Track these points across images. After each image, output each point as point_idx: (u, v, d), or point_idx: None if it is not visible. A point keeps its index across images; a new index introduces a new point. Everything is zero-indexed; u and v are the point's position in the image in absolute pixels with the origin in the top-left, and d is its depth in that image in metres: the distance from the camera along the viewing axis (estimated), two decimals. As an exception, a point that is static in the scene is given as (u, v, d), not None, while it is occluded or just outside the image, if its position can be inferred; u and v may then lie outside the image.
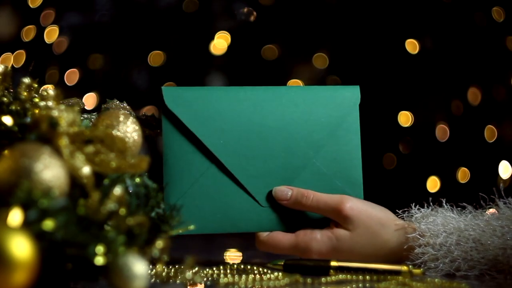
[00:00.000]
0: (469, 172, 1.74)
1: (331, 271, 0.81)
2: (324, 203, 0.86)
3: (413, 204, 0.87)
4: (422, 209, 0.86)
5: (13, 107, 0.68)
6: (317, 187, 0.89)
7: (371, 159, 0.95)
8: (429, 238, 0.83)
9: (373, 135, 0.93)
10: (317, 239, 0.86)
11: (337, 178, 0.91)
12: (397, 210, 0.87)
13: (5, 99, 0.68)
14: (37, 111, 0.67)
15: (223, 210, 0.87)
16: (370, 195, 0.91)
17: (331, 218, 0.87)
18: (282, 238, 0.87)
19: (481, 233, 0.82)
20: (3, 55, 1.80)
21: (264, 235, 0.88)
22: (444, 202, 0.87)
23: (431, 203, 0.87)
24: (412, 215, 0.86)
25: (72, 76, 1.82)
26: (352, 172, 0.91)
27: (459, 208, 0.86)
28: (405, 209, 0.87)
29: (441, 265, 0.82)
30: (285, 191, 0.88)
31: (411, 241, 0.84)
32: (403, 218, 0.87)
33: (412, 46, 1.69)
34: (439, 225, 0.83)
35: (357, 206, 0.86)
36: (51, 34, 1.82)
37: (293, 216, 0.89)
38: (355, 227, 0.85)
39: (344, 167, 0.91)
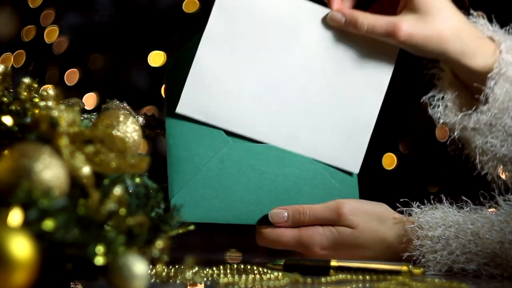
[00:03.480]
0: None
1: (331, 271, 0.81)
2: (321, 214, 0.87)
3: (414, 202, 0.87)
4: (422, 206, 0.87)
5: (13, 107, 0.67)
6: (315, 187, 0.90)
7: (371, 159, 0.95)
8: (427, 231, 0.83)
9: (373, 135, 0.93)
10: (320, 232, 0.86)
11: (334, 178, 0.91)
12: (397, 204, 0.87)
13: (5, 99, 0.68)
14: (37, 111, 0.67)
15: (225, 201, 0.88)
16: (370, 195, 0.91)
17: (331, 224, 0.87)
18: (285, 231, 0.87)
19: (479, 227, 0.82)
20: (3, 55, 1.80)
21: (265, 228, 0.88)
22: (444, 199, 0.87)
23: (431, 200, 0.87)
24: (413, 210, 0.86)
25: (72, 76, 1.82)
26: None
27: (458, 204, 0.87)
28: (405, 203, 0.87)
29: (439, 257, 0.82)
30: (280, 214, 0.87)
31: (409, 233, 0.84)
32: (402, 213, 0.87)
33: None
34: (438, 219, 0.84)
35: (354, 207, 0.86)
36: (51, 34, 1.81)
37: None
38: (356, 225, 0.86)
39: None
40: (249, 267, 0.82)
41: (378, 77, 0.91)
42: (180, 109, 0.87)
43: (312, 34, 0.90)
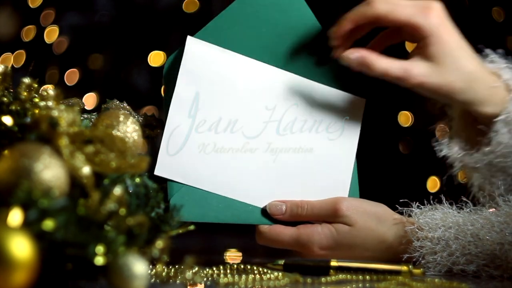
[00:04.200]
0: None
1: (331, 271, 0.81)
2: (319, 209, 0.87)
3: (414, 202, 0.87)
4: (422, 206, 0.87)
5: (13, 107, 0.68)
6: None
7: (371, 159, 0.95)
8: (427, 232, 0.83)
9: (373, 135, 0.93)
10: (319, 231, 0.86)
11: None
12: (397, 206, 0.87)
13: (5, 99, 0.68)
14: (37, 111, 0.67)
15: (224, 201, 0.88)
16: (370, 195, 0.91)
17: (329, 221, 0.87)
18: (284, 230, 0.88)
19: (479, 228, 0.82)
20: (3, 55, 1.80)
21: (265, 227, 0.88)
22: (444, 199, 0.87)
23: (431, 201, 0.87)
24: (412, 211, 0.86)
25: (72, 76, 1.82)
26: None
27: (458, 205, 0.87)
28: (405, 204, 0.87)
29: (438, 258, 0.82)
30: (279, 206, 0.88)
31: (409, 234, 0.84)
32: (402, 214, 0.87)
33: (412, 46, 1.68)
34: (438, 220, 0.84)
35: (352, 204, 0.87)
36: (51, 34, 1.81)
37: None
38: (353, 223, 0.86)
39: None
40: (249, 267, 0.82)
41: (348, 135, 0.92)
42: (158, 171, 0.86)
43: (279, 96, 0.90)
